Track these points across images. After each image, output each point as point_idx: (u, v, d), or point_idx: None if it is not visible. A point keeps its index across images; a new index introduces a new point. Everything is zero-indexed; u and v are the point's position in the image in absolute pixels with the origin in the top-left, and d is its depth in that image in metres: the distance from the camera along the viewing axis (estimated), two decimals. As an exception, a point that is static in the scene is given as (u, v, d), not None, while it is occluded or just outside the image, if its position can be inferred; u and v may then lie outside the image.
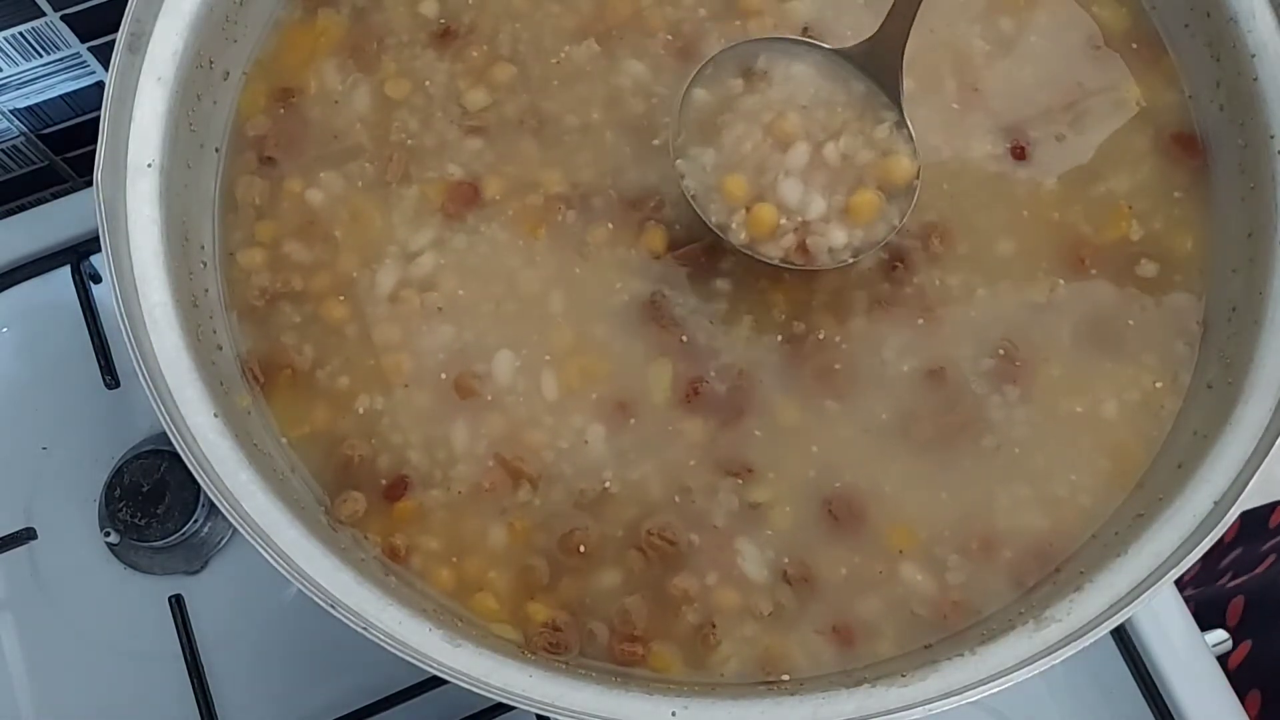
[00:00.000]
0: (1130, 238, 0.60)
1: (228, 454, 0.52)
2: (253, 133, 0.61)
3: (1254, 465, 0.52)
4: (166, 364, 0.53)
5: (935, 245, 0.59)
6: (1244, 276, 0.58)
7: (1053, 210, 0.60)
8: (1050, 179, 0.61)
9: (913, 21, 0.55)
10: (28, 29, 0.68)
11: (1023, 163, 0.61)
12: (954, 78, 0.62)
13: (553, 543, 0.55)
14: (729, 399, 0.57)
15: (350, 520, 0.55)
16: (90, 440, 0.71)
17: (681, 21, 0.63)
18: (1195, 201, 0.61)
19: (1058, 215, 0.60)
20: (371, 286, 0.59)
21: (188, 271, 0.57)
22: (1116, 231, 0.60)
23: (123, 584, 0.69)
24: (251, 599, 0.68)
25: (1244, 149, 0.59)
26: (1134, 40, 0.63)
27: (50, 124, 0.77)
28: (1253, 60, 0.58)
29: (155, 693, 0.67)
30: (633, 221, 0.59)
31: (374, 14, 0.63)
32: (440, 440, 0.57)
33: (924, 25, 0.62)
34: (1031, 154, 0.61)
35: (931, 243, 0.59)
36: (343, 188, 0.60)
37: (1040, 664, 0.49)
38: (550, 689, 0.50)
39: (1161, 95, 0.62)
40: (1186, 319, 0.59)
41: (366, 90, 0.62)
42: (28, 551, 0.69)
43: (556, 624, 0.54)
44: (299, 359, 0.58)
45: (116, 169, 0.55)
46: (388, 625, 0.50)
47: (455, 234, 0.60)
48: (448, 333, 0.58)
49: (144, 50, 0.56)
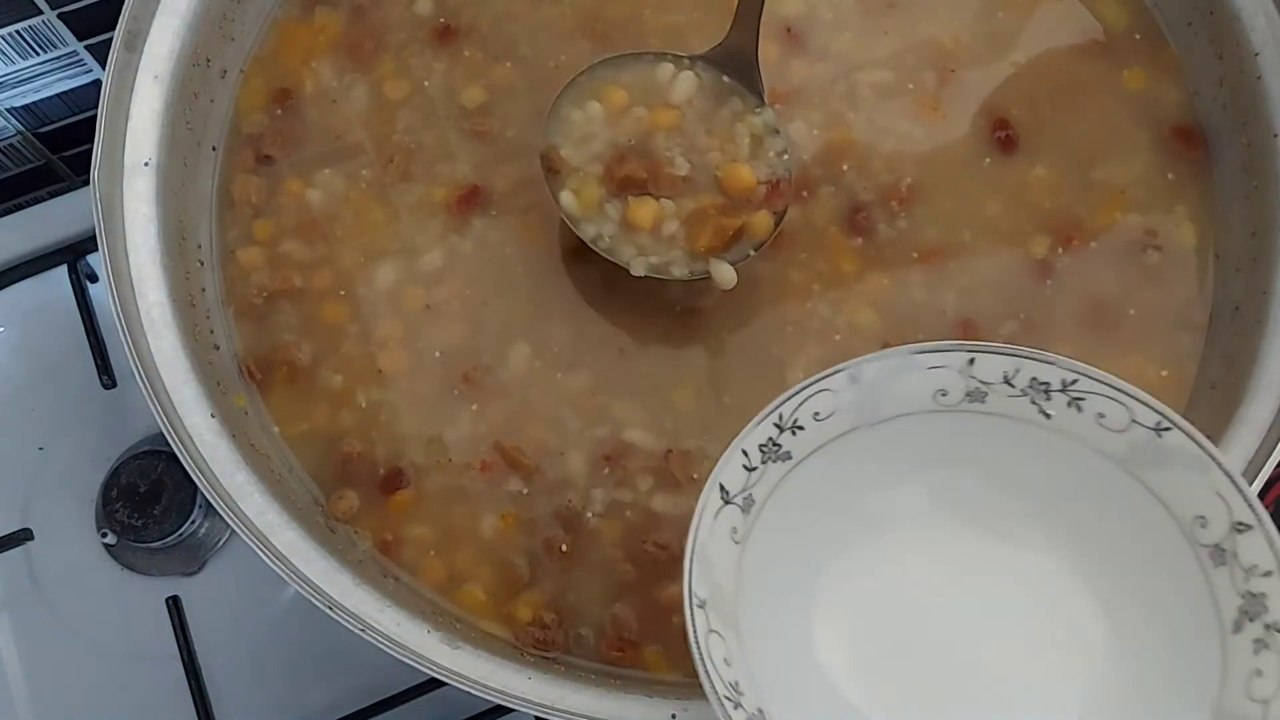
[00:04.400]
0: (1129, 224, 0.59)
1: (225, 454, 0.52)
2: (250, 131, 0.61)
3: (1258, 466, 0.51)
4: (163, 364, 0.53)
5: (896, 208, 0.59)
6: (1247, 275, 0.57)
7: (1044, 199, 0.60)
8: (1040, 168, 0.60)
9: (759, 20, 0.56)
10: (24, 27, 0.67)
11: (1013, 154, 0.60)
12: (938, 70, 0.62)
13: (539, 541, 0.55)
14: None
15: (345, 517, 0.55)
16: (87, 440, 0.70)
17: (679, 24, 0.62)
18: (1197, 195, 0.60)
19: (1048, 204, 0.60)
20: (372, 284, 0.59)
21: (184, 271, 0.57)
22: (1109, 218, 0.59)
23: (120, 585, 0.69)
24: (249, 600, 0.68)
25: (1247, 147, 0.59)
26: (1135, 38, 0.63)
27: (47, 122, 0.77)
28: (1256, 58, 0.58)
29: (152, 694, 0.67)
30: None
31: (372, 12, 0.63)
32: (438, 435, 0.56)
33: (919, 19, 0.62)
34: (1022, 145, 0.60)
35: (892, 206, 0.59)
36: (342, 186, 0.60)
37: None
38: (549, 691, 0.49)
39: (1163, 90, 0.62)
40: (1191, 312, 0.59)
41: (365, 89, 0.62)
42: (24, 552, 0.69)
43: (544, 621, 0.54)
44: (298, 356, 0.58)
45: (114, 168, 0.55)
46: (386, 627, 0.50)
47: (457, 232, 0.59)
48: (449, 330, 0.58)
49: (141, 48, 0.56)
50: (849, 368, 0.46)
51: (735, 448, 0.45)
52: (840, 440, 0.47)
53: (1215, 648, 0.41)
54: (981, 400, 0.47)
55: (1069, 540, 0.46)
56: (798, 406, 0.46)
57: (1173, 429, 0.43)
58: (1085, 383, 0.44)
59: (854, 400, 0.46)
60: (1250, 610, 0.41)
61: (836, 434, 0.47)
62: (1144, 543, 0.44)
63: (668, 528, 0.55)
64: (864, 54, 0.62)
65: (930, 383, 0.47)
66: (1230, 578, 0.42)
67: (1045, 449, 0.46)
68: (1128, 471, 0.44)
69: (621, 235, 0.56)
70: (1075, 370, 0.45)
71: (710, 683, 0.40)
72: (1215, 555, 0.42)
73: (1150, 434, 0.43)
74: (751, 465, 0.46)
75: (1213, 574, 0.42)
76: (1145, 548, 0.44)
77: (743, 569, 0.45)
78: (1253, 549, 0.41)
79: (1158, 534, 0.43)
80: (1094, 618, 0.45)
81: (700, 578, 0.43)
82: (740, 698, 0.41)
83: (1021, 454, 0.47)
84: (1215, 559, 0.42)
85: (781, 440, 0.46)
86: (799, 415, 0.46)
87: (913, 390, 0.47)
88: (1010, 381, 0.46)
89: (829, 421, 0.46)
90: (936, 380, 0.47)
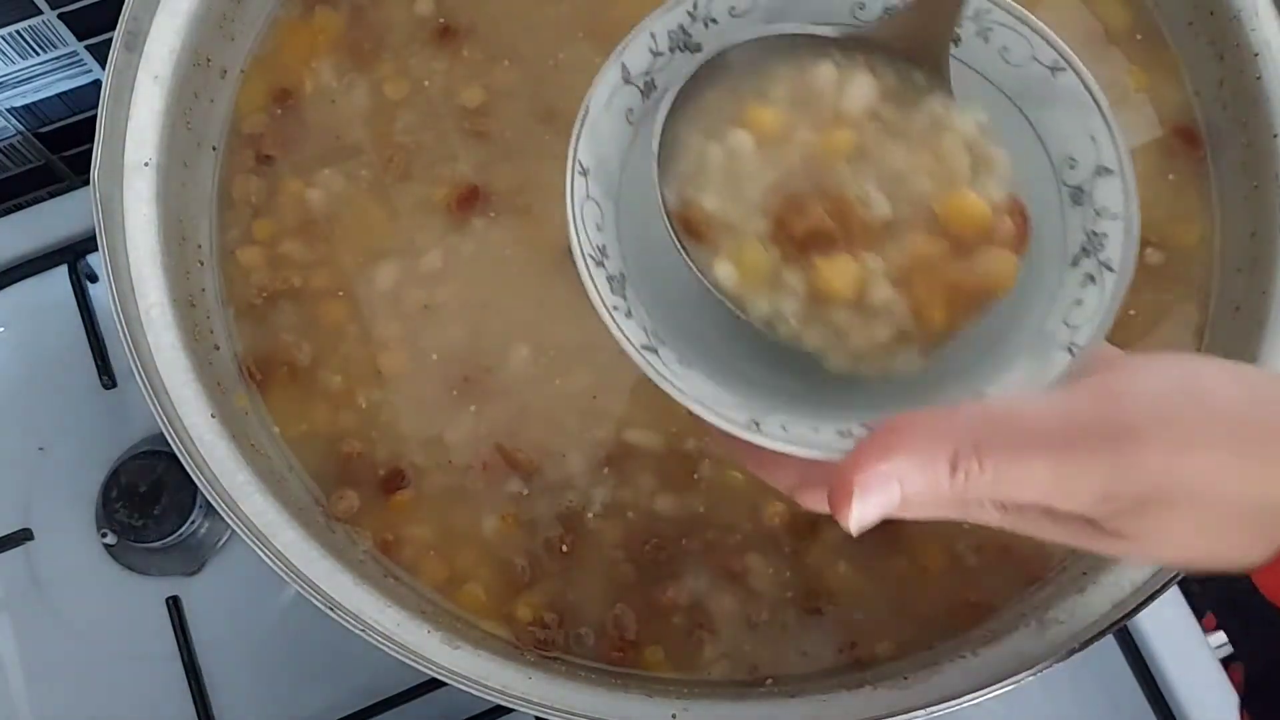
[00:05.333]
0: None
1: (225, 455, 0.52)
2: (250, 131, 0.61)
3: (1258, 466, 0.52)
4: (163, 364, 0.53)
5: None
6: (1247, 276, 0.57)
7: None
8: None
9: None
10: (24, 27, 0.67)
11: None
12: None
13: (539, 541, 0.55)
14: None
15: (345, 517, 0.55)
16: (87, 441, 0.70)
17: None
18: (1197, 195, 0.60)
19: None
20: (372, 284, 0.59)
21: (185, 271, 0.57)
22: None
23: (120, 585, 0.69)
24: (249, 601, 0.68)
25: (1247, 147, 0.59)
26: (1135, 37, 0.62)
27: (47, 122, 0.77)
28: (1256, 59, 0.58)
29: (152, 695, 0.67)
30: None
31: (372, 12, 0.63)
32: (439, 435, 0.56)
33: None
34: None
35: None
36: (342, 186, 0.60)
37: (1043, 665, 0.49)
38: (550, 691, 0.49)
39: (1163, 90, 0.62)
40: (1190, 313, 0.58)
41: (365, 89, 0.62)
42: (24, 552, 0.69)
43: (545, 621, 0.54)
44: (298, 356, 0.57)
45: (114, 168, 0.55)
46: (386, 627, 0.50)
47: (457, 233, 0.59)
48: (451, 329, 0.58)
49: (141, 48, 0.56)
50: None
51: (644, 29, 0.43)
52: (748, 43, 0.44)
53: (1054, 278, 0.42)
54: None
55: None
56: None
57: (1067, 70, 0.43)
58: (997, 14, 0.43)
59: (770, 2, 0.44)
60: (1090, 248, 0.41)
61: (747, 37, 0.44)
62: (1018, 174, 0.43)
63: (669, 528, 0.55)
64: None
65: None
66: (1082, 216, 0.42)
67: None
68: (1017, 106, 0.44)
69: (809, 312, 0.40)
70: (991, 1, 0.43)
71: (578, 241, 0.40)
72: (1075, 195, 0.42)
73: (1045, 71, 0.43)
74: (658, 50, 0.44)
75: (1069, 211, 0.42)
76: (1018, 178, 0.43)
77: (633, 150, 0.44)
78: (1108, 193, 0.41)
79: (1031, 168, 0.43)
80: None
81: (587, 149, 0.42)
82: (605, 260, 0.41)
83: None
84: (1074, 198, 0.42)
85: (693, 30, 0.44)
86: (714, 7, 0.44)
87: (832, 2, 0.44)
88: None
89: (743, 19, 0.44)
90: None
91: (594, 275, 0.40)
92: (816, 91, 0.42)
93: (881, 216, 0.40)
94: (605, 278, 0.41)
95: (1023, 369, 0.40)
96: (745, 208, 0.41)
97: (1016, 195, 0.41)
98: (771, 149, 0.41)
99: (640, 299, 0.42)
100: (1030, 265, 0.42)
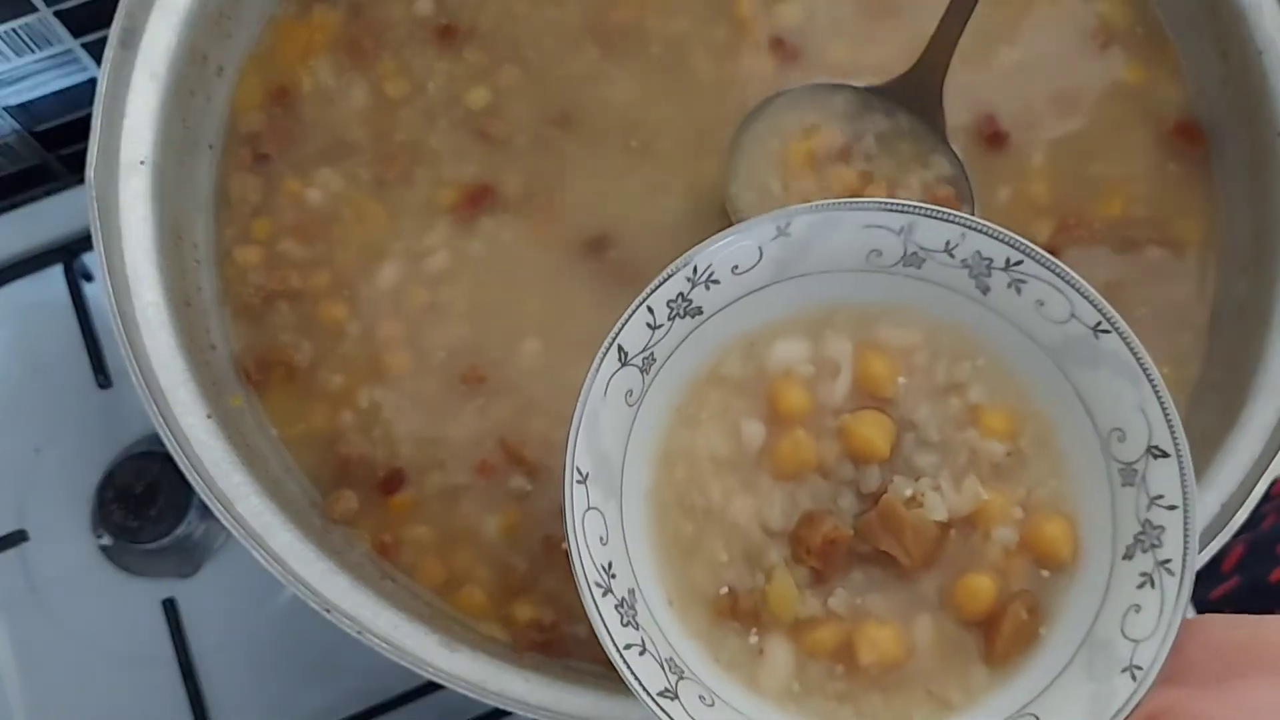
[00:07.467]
0: (1130, 221, 0.59)
1: (221, 456, 0.51)
2: (247, 129, 0.61)
3: (1261, 468, 0.51)
4: (159, 364, 0.52)
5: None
6: (1250, 275, 0.57)
7: (1042, 196, 0.59)
8: (1036, 165, 0.60)
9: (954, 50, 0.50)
10: (20, 25, 0.67)
11: (1005, 151, 0.60)
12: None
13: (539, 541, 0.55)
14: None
15: (343, 518, 0.55)
16: (82, 441, 0.70)
17: (684, 31, 0.62)
18: (1199, 194, 0.60)
19: (1046, 200, 0.59)
20: (373, 284, 0.58)
21: (181, 270, 0.56)
22: (1109, 216, 0.59)
23: (115, 587, 0.69)
24: (245, 603, 0.68)
25: (1250, 146, 0.58)
26: (1137, 34, 0.62)
27: (42, 121, 0.77)
28: (1260, 57, 0.57)
29: (148, 697, 0.67)
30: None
31: (370, 10, 0.63)
32: (440, 435, 0.56)
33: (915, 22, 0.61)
34: (1015, 139, 0.60)
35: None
36: (342, 185, 0.60)
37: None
38: (547, 694, 0.49)
39: (1164, 88, 0.61)
40: (1193, 311, 0.58)
41: (364, 88, 0.61)
42: (19, 554, 0.69)
43: (543, 621, 0.53)
44: (296, 356, 0.57)
45: (109, 166, 0.54)
46: (383, 629, 0.49)
47: (462, 232, 0.59)
48: (454, 329, 0.57)
49: (137, 46, 0.56)
50: (776, 218, 0.42)
51: (640, 304, 0.41)
52: (756, 294, 0.42)
53: (1104, 570, 0.39)
54: (917, 266, 0.43)
55: None
56: (717, 258, 0.41)
57: (1111, 332, 0.40)
58: (1030, 265, 0.41)
59: (779, 254, 0.42)
60: (1146, 540, 0.38)
61: (754, 288, 0.42)
62: (1059, 439, 0.41)
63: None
64: (859, 61, 0.61)
65: (865, 242, 0.42)
66: (1135, 501, 0.39)
67: (976, 322, 0.43)
68: (1057, 365, 0.41)
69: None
70: (1022, 251, 0.41)
71: (582, 568, 0.38)
72: (1126, 473, 0.39)
73: (1088, 332, 0.40)
74: (656, 324, 0.41)
75: (1119, 492, 0.40)
76: (1059, 445, 0.41)
77: (634, 429, 0.42)
78: (1163, 478, 0.39)
79: (1073, 434, 0.41)
80: None
81: (586, 450, 0.40)
82: (612, 581, 0.39)
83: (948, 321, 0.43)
84: (1125, 477, 0.39)
85: (693, 295, 0.41)
86: (716, 267, 0.41)
87: (845, 248, 0.42)
88: (951, 251, 0.42)
89: (748, 275, 0.42)
90: (873, 240, 0.42)
91: (601, 609, 0.38)
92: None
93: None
94: (614, 606, 0.38)
95: (1082, 699, 0.37)
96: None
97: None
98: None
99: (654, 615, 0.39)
100: (1076, 550, 0.40)
